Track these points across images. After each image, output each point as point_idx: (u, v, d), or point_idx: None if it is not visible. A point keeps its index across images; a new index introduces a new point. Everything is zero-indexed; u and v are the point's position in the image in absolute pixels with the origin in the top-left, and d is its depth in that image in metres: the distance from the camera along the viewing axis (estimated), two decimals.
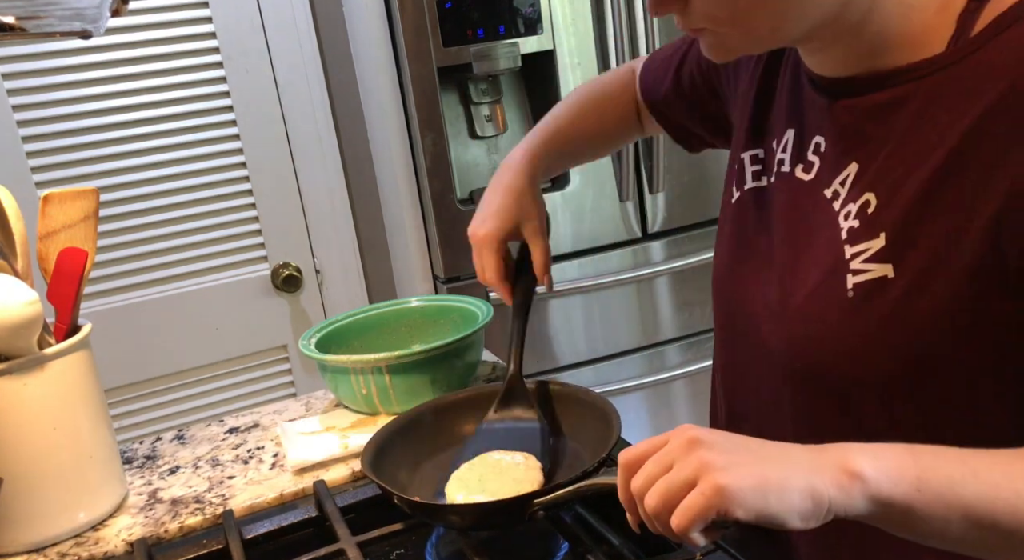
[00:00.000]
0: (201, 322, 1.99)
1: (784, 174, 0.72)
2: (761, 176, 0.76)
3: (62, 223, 0.92)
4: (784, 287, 0.69)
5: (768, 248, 0.72)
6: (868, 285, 0.61)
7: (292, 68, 1.96)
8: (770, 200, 0.74)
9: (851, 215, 0.64)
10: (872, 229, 0.61)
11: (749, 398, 0.79)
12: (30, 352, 0.84)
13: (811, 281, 0.66)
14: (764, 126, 0.77)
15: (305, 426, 1.06)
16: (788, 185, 0.71)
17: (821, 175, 0.68)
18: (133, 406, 1.97)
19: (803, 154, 0.70)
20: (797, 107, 0.72)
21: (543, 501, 0.71)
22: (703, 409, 2.34)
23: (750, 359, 0.76)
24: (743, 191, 0.77)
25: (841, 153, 0.66)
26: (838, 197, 0.65)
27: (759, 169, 0.76)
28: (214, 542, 0.84)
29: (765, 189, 0.75)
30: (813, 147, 0.69)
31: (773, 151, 0.75)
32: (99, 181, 1.83)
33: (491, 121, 1.89)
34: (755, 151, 0.77)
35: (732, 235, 0.78)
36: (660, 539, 0.76)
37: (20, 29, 0.77)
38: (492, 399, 0.92)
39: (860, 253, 0.62)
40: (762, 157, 0.76)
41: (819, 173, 0.68)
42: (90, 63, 1.81)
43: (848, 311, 0.62)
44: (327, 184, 2.04)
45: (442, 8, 1.71)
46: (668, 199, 1.96)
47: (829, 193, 0.66)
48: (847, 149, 0.65)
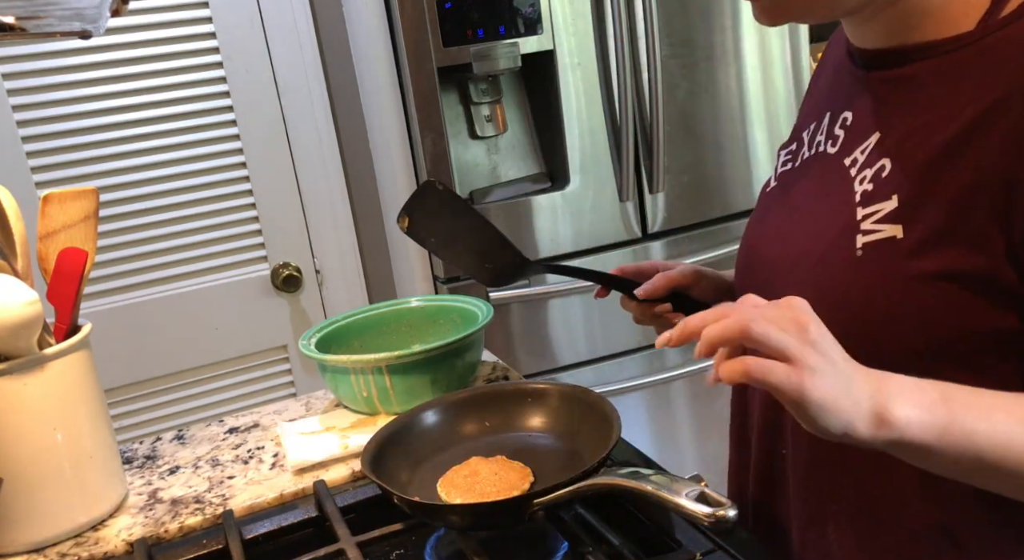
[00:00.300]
0: (201, 322, 1.99)
1: (816, 153, 0.75)
2: (788, 163, 0.81)
3: (62, 223, 0.92)
4: (800, 253, 0.71)
5: (787, 222, 0.76)
6: (876, 245, 0.64)
7: (292, 68, 1.96)
8: (796, 178, 0.78)
9: (866, 179, 0.66)
10: (884, 192, 0.64)
11: None
12: (30, 352, 0.84)
13: (824, 243, 0.68)
14: (801, 119, 0.82)
15: (305, 426, 1.06)
16: (816, 161, 0.75)
17: (844, 146, 0.71)
18: (133, 406, 1.97)
19: (832, 130, 0.74)
20: (836, 89, 0.76)
21: (543, 501, 0.71)
22: (703, 409, 2.35)
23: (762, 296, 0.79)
24: (777, 178, 0.82)
25: (866, 124, 0.69)
26: (856, 164, 0.68)
27: (789, 158, 0.81)
28: (214, 542, 0.84)
29: (790, 171, 0.80)
30: (840, 122, 0.73)
31: (803, 140, 0.79)
32: (99, 181, 1.83)
33: (491, 121, 1.89)
34: (790, 147, 0.82)
35: (759, 216, 0.82)
36: (660, 539, 0.76)
37: (20, 29, 0.77)
38: (492, 399, 0.92)
39: (871, 214, 0.65)
40: (793, 149, 0.81)
41: (843, 144, 0.71)
42: (90, 63, 1.81)
43: (855, 269, 0.65)
44: (327, 184, 2.04)
45: (442, 8, 1.71)
46: (668, 199, 1.96)
47: (848, 161, 0.69)
48: (873, 119, 0.68)
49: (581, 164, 1.87)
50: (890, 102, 0.67)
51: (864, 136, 0.69)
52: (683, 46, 1.90)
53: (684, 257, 1.98)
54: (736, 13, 1.92)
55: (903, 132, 0.65)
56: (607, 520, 0.78)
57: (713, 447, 2.12)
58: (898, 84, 0.67)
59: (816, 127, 0.77)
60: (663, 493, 0.63)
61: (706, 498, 0.61)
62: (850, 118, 0.72)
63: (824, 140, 0.75)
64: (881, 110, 0.68)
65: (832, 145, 0.73)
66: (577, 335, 1.94)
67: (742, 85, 1.97)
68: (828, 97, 0.77)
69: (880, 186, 0.65)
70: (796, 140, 0.81)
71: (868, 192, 0.66)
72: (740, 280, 0.83)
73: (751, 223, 0.84)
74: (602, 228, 1.93)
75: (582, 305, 1.93)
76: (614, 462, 0.88)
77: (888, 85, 0.68)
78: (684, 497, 0.61)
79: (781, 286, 0.71)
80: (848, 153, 0.70)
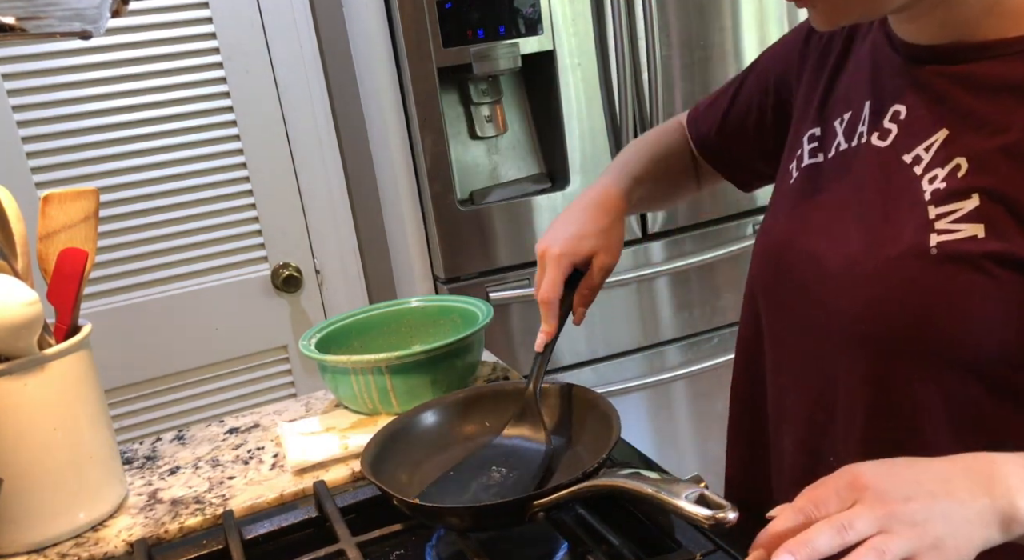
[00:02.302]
0: (201, 322, 1.99)
1: (859, 145, 0.72)
2: (817, 153, 0.77)
3: (62, 223, 0.92)
4: (857, 251, 0.69)
5: (834, 217, 0.72)
6: (955, 244, 0.62)
7: (292, 68, 1.96)
8: (835, 171, 0.74)
9: (937, 178, 0.64)
10: (963, 191, 0.62)
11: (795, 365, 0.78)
12: (30, 352, 0.84)
13: (891, 244, 0.66)
14: (826, 107, 0.78)
15: (305, 426, 1.06)
16: (862, 154, 0.72)
17: (899, 141, 0.68)
18: (133, 406, 1.97)
19: (879, 122, 0.71)
20: (875, 80, 0.73)
21: (543, 502, 0.71)
22: (703, 409, 2.35)
23: (802, 327, 0.75)
24: (801, 169, 0.78)
25: (928, 119, 0.67)
26: (920, 162, 0.66)
27: (815, 147, 0.77)
28: (214, 542, 0.84)
29: (821, 165, 0.76)
30: (891, 115, 0.70)
31: (833, 129, 0.76)
32: (99, 181, 1.83)
33: (491, 121, 1.89)
34: (813, 130, 0.78)
35: (790, 209, 0.78)
36: (660, 539, 0.76)
37: (20, 30, 0.77)
38: (492, 399, 0.92)
39: (948, 214, 0.63)
40: (818, 135, 0.77)
41: (897, 140, 0.69)
42: (90, 63, 1.81)
43: (931, 269, 0.63)
44: (327, 184, 2.04)
45: (442, 8, 1.71)
46: None
47: (909, 158, 0.67)
48: (936, 116, 0.66)
49: (581, 164, 1.87)
50: (956, 99, 0.65)
51: (927, 133, 0.66)
52: (683, 46, 1.90)
53: (684, 257, 1.98)
54: (736, 13, 1.92)
55: (977, 131, 0.63)
56: (607, 520, 0.78)
57: (713, 447, 2.12)
58: (968, 81, 0.65)
59: (853, 117, 0.74)
60: (663, 496, 0.63)
61: (706, 500, 0.61)
62: (903, 112, 0.69)
63: (868, 132, 0.72)
64: (945, 106, 0.66)
65: (881, 138, 0.70)
66: (577, 335, 1.94)
67: None
68: (863, 84, 0.74)
69: (957, 185, 0.63)
70: (821, 126, 0.77)
71: (942, 191, 0.64)
72: (769, 279, 0.80)
73: (776, 216, 0.80)
74: None
75: None
76: (614, 462, 0.88)
77: (956, 82, 0.65)
78: (684, 499, 0.61)
79: (833, 287, 0.70)
80: (908, 149, 0.67)
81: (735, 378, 0.91)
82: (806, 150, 0.78)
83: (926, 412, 0.67)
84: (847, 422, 0.73)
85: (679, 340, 2.05)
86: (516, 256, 1.87)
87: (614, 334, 1.98)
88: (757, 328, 0.84)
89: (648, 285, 1.99)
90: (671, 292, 2.01)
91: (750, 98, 0.93)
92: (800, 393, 0.78)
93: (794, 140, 0.82)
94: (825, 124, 0.77)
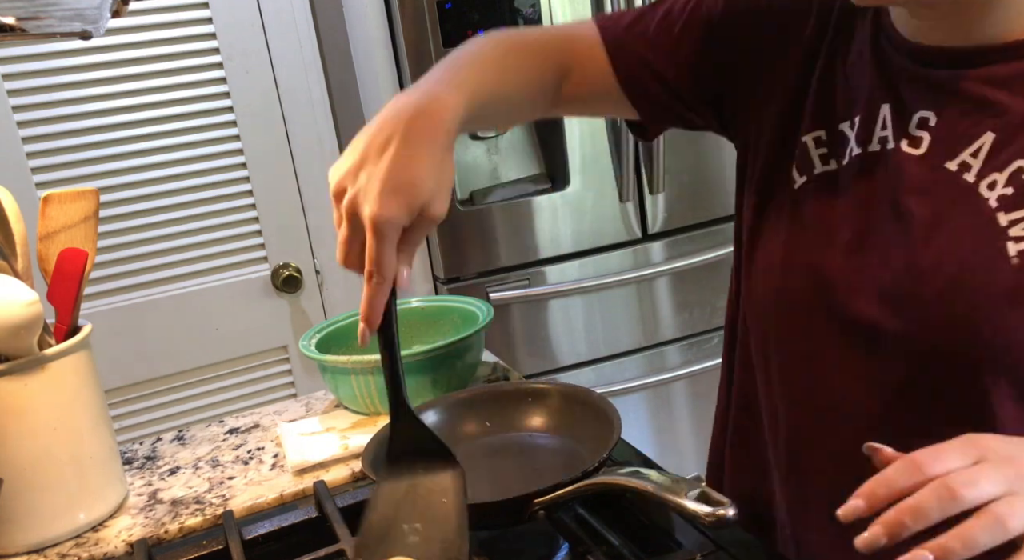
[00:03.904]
0: (201, 323, 1.99)
1: (884, 151, 0.68)
2: (829, 159, 0.72)
3: (62, 224, 0.92)
4: (914, 266, 0.65)
5: (869, 229, 0.68)
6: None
7: (292, 68, 1.96)
8: (856, 182, 0.70)
9: (998, 184, 0.62)
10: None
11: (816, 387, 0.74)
12: (30, 353, 0.84)
13: (956, 255, 0.62)
14: (828, 107, 0.73)
15: (305, 427, 1.06)
16: (889, 162, 0.68)
17: (937, 149, 0.65)
18: (133, 406, 1.97)
19: (906, 129, 0.67)
20: (887, 85, 0.69)
21: (543, 501, 0.71)
22: (704, 409, 2.34)
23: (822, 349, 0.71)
24: (811, 175, 0.73)
25: (966, 124, 0.64)
26: (969, 168, 0.63)
27: (825, 152, 0.72)
28: (214, 543, 0.84)
29: (835, 173, 0.71)
30: (917, 122, 0.67)
31: (842, 132, 0.71)
32: (99, 182, 1.83)
33: None
34: (817, 133, 0.73)
35: (803, 221, 0.72)
36: (660, 539, 0.76)
37: (20, 30, 0.77)
38: (492, 399, 0.92)
39: (1022, 220, 0.60)
40: (825, 139, 0.72)
41: (933, 147, 0.65)
42: (90, 64, 1.81)
43: (1013, 279, 0.60)
44: (327, 184, 2.04)
45: (442, 8, 1.71)
46: (668, 200, 1.96)
47: (954, 165, 0.64)
48: (975, 120, 0.64)
49: (581, 165, 1.87)
50: (999, 102, 0.62)
51: (970, 138, 0.64)
52: None
53: (684, 258, 1.98)
54: None
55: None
56: (607, 520, 0.78)
57: None
58: (1008, 82, 0.62)
59: (865, 121, 0.70)
60: (663, 493, 0.63)
61: (707, 497, 0.61)
62: (933, 119, 0.66)
63: (894, 139, 0.68)
64: (985, 111, 0.63)
65: (913, 146, 0.66)
66: (577, 335, 1.94)
67: None
68: (877, 91, 0.70)
69: None
70: (826, 129, 0.72)
71: (1009, 196, 0.61)
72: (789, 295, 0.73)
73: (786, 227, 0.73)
74: (602, 229, 1.93)
75: (582, 305, 1.93)
76: (614, 462, 0.88)
77: (994, 84, 0.63)
78: (685, 496, 0.61)
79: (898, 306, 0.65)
80: (950, 156, 0.64)
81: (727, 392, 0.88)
82: (815, 155, 0.73)
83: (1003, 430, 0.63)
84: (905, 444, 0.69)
85: (679, 340, 2.05)
86: (516, 256, 1.87)
87: (614, 334, 1.98)
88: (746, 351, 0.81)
89: (648, 285, 1.99)
90: (671, 292, 2.01)
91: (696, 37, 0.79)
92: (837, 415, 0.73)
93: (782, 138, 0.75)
94: (830, 127, 0.72)
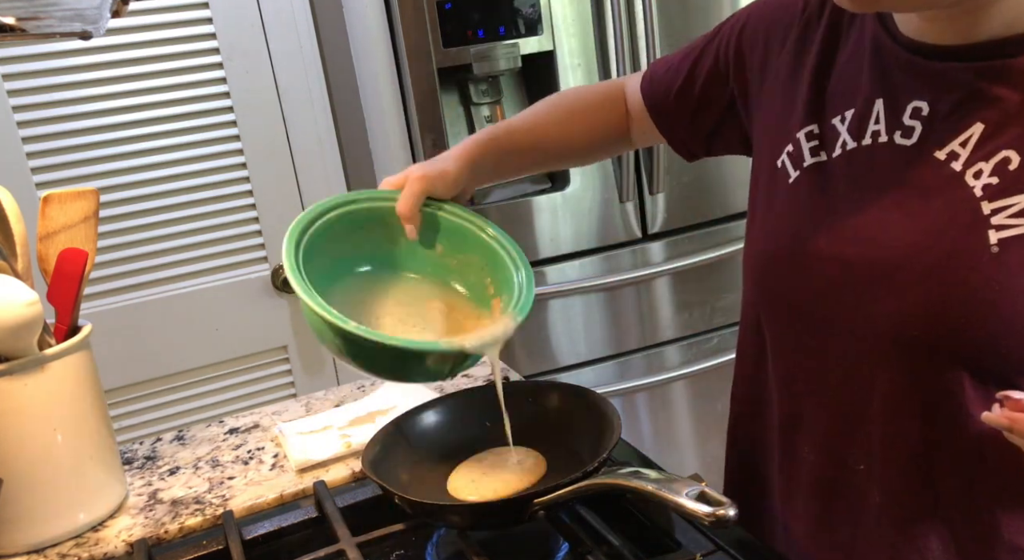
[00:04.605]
0: (201, 323, 1.99)
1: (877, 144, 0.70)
2: (819, 151, 0.74)
3: (62, 224, 0.92)
4: (898, 253, 0.66)
5: (855, 218, 0.70)
6: (1018, 240, 0.61)
7: (292, 68, 1.96)
8: (847, 172, 0.72)
9: (984, 173, 0.63)
10: (1019, 185, 0.61)
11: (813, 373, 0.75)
12: (30, 353, 0.84)
13: (940, 243, 0.64)
14: (819, 103, 0.75)
15: (303, 426, 1.06)
16: (882, 152, 0.69)
17: (928, 137, 0.67)
18: (133, 407, 1.97)
19: (899, 120, 0.69)
20: (882, 77, 0.71)
21: (543, 501, 0.71)
22: (704, 410, 2.34)
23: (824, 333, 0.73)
24: (802, 169, 0.75)
25: (958, 115, 0.65)
26: (957, 157, 0.64)
27: (816, 145, 0.74)
28: (214, 543, 0.84)
29: (825, 164, 0.73)
30: (911, 112, 0.68)
31: (833, 127, 0.73)
32: (99, 182, 1.83)
33: (491, 122, 1.89)
34: (810, 127, 0.75)
35: (794, 211, 0.75)
36: (660, 539, 0.76)
37: (20, 30, 0.77)
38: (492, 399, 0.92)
39: (1005, 208, 0.61)
40: (817, 133, 0.74)
41: (924, 136, 0.67)
42: (90, 64, 1.81)
43: (994, 267, 0.61)
44: (327, 184, 2.04)
45: (442, 9, 1.71)
46: (668, 200, 1.96)
47: (942, 154, 0.65)
48: (967, 110, 0.65)
49: None
50: (991, 93, 0.64)
51: (958, 128, 0.65)
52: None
53: (684, 258, 1.98)
54: None
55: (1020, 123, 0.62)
56: (607, 520, 0.78)
57: (713, 447, 2.12)
58: (1002, 74, 0.63)
59: (859, 115, 0.71)
60: (663, 492, 0.63)
61: (706, 497, 0.61)
62: (926, 108, 0.67)
63: (886, 131, 0.69)
64: (974, 101, 0.64)
65: (905, 136, 0.68)
66: (577, 335, 1.94)
67: None
68: (871, 84, 0.71)
69: (1010, 179, 0.62)
70: (818, 123, 0.75)
71: (994, 186, 0.62)
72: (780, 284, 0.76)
73: (778, 218, 0.77)
74: (602, 229, 1.93)
75: (582, 305, 1.93)
76: (614, 462, 0.88)
77: (985, 76, 0.64)
78: (684, 496, 0.61)
79: (870, 290, 0.68)
80: (939, 145, 0.66)
81: (736, 385, 0.89)
82: (805, 149, 0.75)
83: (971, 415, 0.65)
84: (882, 429, 0.70)
85: (679, 340, 2.04)
86: None
87: (614, 334, 1.98)
88: (759, 335, 0.82)
89: (648, 285, 1.99)
90: (671, 292, 2.01)
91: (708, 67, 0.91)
92: (821, 400, 0.75)
93: (787, 136, 0.78)
94: (822, 122, 0.74)
